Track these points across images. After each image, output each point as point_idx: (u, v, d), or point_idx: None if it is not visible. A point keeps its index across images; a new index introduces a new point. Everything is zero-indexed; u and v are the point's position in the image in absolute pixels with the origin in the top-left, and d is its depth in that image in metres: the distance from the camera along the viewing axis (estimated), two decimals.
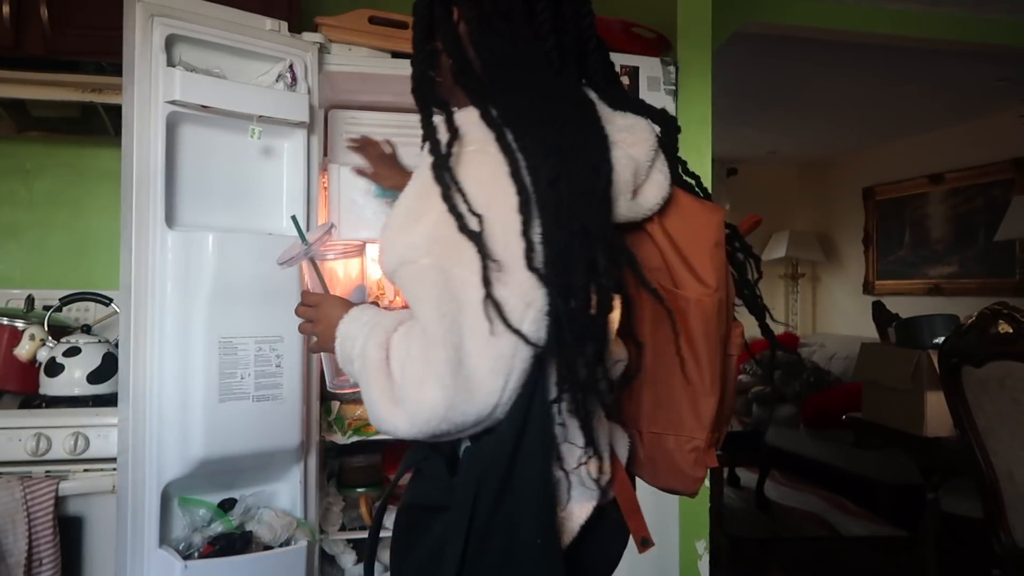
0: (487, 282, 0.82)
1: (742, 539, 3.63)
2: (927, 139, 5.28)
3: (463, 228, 0.83)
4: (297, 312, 1.12)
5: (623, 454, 1.04)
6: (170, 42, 1.56)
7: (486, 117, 0.90)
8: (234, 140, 1.66)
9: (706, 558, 2.20)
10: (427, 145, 0.91)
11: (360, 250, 1.30)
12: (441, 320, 0.83)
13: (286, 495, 1.72)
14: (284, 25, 1.74)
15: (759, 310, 1.07)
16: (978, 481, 2.11)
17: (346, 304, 1.05)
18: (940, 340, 2.47)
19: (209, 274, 1.54)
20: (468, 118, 0.92)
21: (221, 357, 1.53)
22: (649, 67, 2.14)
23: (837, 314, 6.22)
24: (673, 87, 2.16)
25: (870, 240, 5.80)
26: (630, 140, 0.97)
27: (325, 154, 1.96)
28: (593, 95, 1.00)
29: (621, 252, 0.91)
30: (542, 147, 0.87)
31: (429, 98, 0.98)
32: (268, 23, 1.71)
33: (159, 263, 1.52)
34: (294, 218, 1.34)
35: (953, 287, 5.05)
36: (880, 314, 3.19)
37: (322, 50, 1.82)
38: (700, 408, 0.99)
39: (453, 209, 0.84)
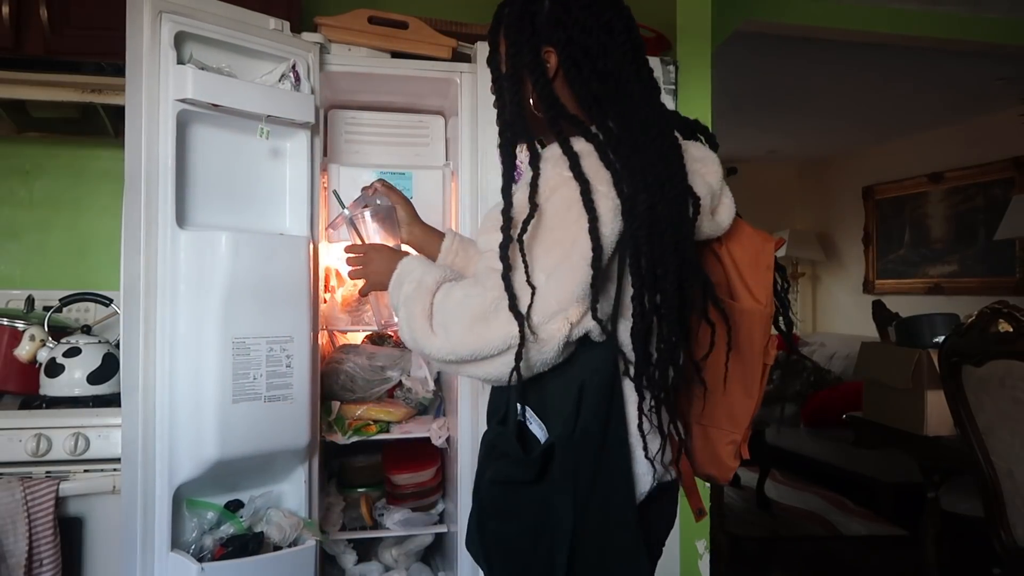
0: (519, 358, 0.98)
1: (742, 539, 3.63)
2: (927, 138, 5.28)
3: (512, 307, 0.98)
4: (347, 261, 1.36)
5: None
6: (179, 40, 1.53)
7: (575, 169, 1.00)
8: (240, 140, 1.64)
9: (706, 558, 2.20)
10: (502, 205, 1.03)
11: (390, 211, 1.45)
12: (500, 296, 0.99)
13: (290, 495, 1.71)
14: (287, 25, 1.73)
15: (788, 323, 1.21)
16: (978, 480, 2.11)
17: (391, 249, 1.30)
18: (940, 339, 2.47)
19: (223, 274, 1.51)
20: (557, 170, 1.02)
21: (235, 358, 1.51)
22: None
23: (837, 313, 6.22)
24: (673, 87, 2.16)
25: (870, 239, 5.80)
26: (704, 169, 1.12)
27: (325, 154, 1.96)
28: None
29: (699, 270, 1.05)
30: (640, 181, 1.00)
31: (520, 136, 1.09)
32: (272, 22, 1.70)
33: (170, 263, 1.49)
34: (335, 192, 1.60)
35: (953, 286, 5.05)
36: (880, 313, 3.19)
37: (322, 50, 1.81)
38: (742, 408, 1.15)
39: (508, 288, 0.99)
